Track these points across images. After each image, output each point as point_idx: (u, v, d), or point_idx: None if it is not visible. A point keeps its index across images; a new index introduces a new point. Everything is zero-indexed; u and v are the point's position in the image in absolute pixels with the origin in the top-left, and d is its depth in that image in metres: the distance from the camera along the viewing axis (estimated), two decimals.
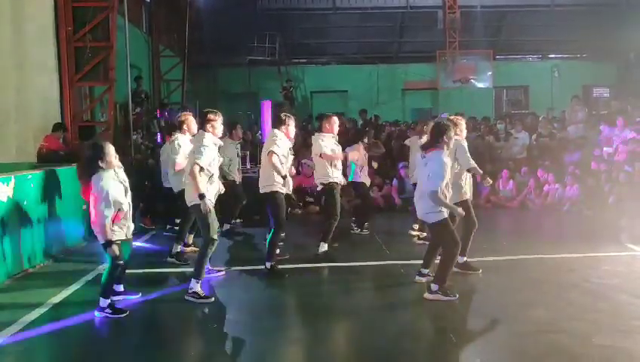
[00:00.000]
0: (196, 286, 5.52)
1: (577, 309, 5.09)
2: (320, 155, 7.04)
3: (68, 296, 5.78)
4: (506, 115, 17.53)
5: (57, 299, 5.66)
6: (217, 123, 5.77)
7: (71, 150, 9.10)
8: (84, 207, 8.37)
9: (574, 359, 4.08)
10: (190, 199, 5.68)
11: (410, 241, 7.96)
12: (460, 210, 5.51)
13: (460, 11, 19.11)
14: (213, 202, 5.72)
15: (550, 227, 9.57)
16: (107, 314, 5.09)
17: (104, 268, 5.40)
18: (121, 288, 5.60)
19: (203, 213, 5.50)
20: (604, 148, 11.38)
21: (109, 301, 5.15)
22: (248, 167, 10.54)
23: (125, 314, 5.12)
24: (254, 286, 6.13)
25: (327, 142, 7.06)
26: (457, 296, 5.44)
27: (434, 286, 5.44)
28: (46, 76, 9.54)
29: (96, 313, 5.12)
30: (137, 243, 8.23)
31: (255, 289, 6.06)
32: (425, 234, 7.78)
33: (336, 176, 7.08)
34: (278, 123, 6.52)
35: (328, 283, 6.50)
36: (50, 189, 7.36)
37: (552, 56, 21.10)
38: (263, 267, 6.44)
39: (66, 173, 7.92)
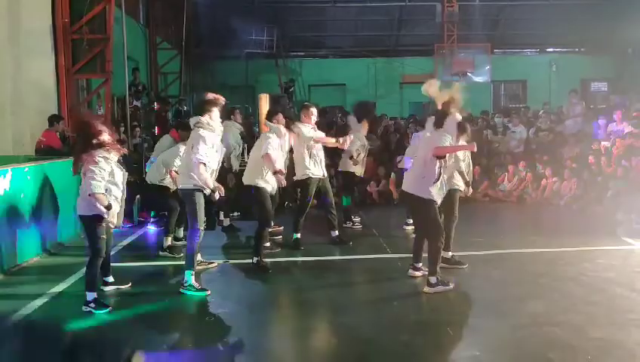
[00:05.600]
0: (191, 279, 5.51)
1: (573, 302, 5.11)
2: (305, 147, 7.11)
3: (64, 289, 5.79)
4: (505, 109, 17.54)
5: (53, 292, 5.67)
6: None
7: (68, 145, 9.07)
8: None
9: (570, 351, 4.10)
10: (182, 182, 5.66)
11: (407, 235, 7.96)
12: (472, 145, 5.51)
13: (458, 5, 19.05)
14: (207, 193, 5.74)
15: (547, 221, 9.59)
16: (91, 309, 5.05)
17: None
18: (111, 279, 5.62)
19: (194, 201, 5.51)
20: (602, 143, 11.39)
21: (95, 294, 5.12)
22: (246, 160, 10.50)
23: (109, 309, 5.09)
24: (251, 279, 6.13)
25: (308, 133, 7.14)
26: (452, 285, 5.51)
27: (432, 279, 5.46)
28: (43, 68, 9.49)
29: (83, 307, 5.10)
30: (133, 237, 8.29)
31: (251, 282, 6.06)
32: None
33: (315, 171, 7.14)
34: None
35: (325, 276, 6.45)
36: (47, 182, 7.34)
37: (550, 50, 21.07)
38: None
39: (63, 165, 7.90)
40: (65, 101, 9.72)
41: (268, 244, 6.87)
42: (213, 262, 6.47)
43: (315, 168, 7.17)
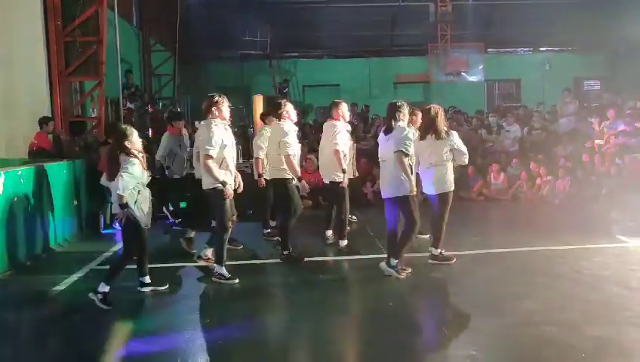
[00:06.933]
0: (221, 269, 5.79)
1: (569, 300, 5.12)
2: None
3: (61, 290, 5.78)
4: (498, 108, 17.58)
5: (51, 293, 5.67)
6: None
7: (61, 147, 9.05)
8: (75, 202, 8.36)
9: (566, 350, 4.10)
10: (207, 183, 5.76)
11: None
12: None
13: (452, 4, 19.09)
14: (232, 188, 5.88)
15: (542, 219, 9.60)
16: (98, 300, 5.13)
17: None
18: (147, 279, 5.63)
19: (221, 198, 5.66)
20: (596, 141, 11.43)
21: (108, 288, 5.20)
22: (240, 161, 10.47)
23: (109, 308, 5.14)
24: (247, 280, 6.11)
25: (341, 134, 7.09)
26: (410, 270, 5.85)
27: (393, 261, 5.78)
28: (35, 71, 9.46)
29: (91, 294, 5.17)
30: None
31: (247, 282, 6.04)
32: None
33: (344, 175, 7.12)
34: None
35: (320, 276, 6.43)
36: (41, 185, 7.31)
37: (544, 49, 21.15)
38: (254, 262, 6.47)
39: (56, 169, 7.87)
40: (58, 104, 9.69)
41: (241, 248, 6.89)
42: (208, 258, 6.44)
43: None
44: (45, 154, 8.50)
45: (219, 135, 5.64)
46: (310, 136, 13.09)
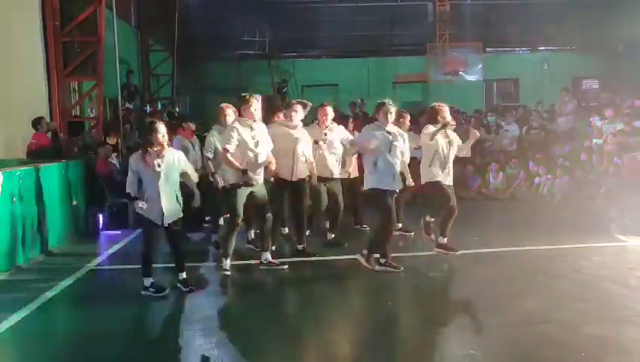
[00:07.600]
0: (225, 263, 5.96)
1: (568, 299, 5.13)
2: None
3: (60, 291, 5.77)
4: (497, 107, 17.60)
5: (50, 293, 5.66)
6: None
7: (59, 142, 9.05)
8: (74, 203, 8.35)
9: (565, 349, 4.10)
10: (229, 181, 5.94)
11: (399, 234, 7.92)
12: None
13: (450, 4, 19.11)
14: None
15: (540, 218, 9.60)
16: (150, 293, 5.39)
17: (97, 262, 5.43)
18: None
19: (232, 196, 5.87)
20: (594, 140, 11.44)
21: (151, 279, 5.43)
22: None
23: (165, 293, 5.41)
24: (245, 280, 6.13)
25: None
26: (402, 268, 5.97)
27: (382, 260, 5.99)
28: (34, 72, 9.45)
29: (142, 292, 5.41)
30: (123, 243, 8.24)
31: (245, 283, 6.06)
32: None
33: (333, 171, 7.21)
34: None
35: (318, 276, 6.44)
36: (39, 185, 7.30)
37: (542, 48, 21.16)
38: (252, 262, 6.47)
39: (55, 169, 7.87)
40: (56, 104, 9.68)
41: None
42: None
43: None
44: (45, 153, 8.49)
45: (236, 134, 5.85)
46: None
